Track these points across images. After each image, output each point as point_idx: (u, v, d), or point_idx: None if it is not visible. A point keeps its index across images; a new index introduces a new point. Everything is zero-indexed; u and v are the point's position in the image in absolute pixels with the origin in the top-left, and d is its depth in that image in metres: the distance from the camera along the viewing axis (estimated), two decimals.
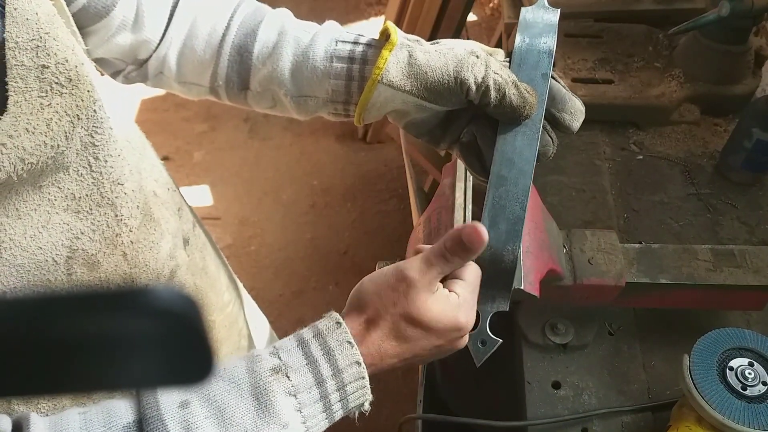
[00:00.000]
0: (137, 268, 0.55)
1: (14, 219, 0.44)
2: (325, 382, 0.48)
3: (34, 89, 0.43)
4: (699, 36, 1.09)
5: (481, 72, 0.55)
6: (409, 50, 0.57)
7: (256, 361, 0.48)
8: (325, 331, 0.50)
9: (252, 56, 0.61)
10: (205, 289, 0.69)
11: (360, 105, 0.58)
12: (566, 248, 0.77)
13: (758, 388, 0.65)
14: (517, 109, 0.55)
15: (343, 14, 2.93)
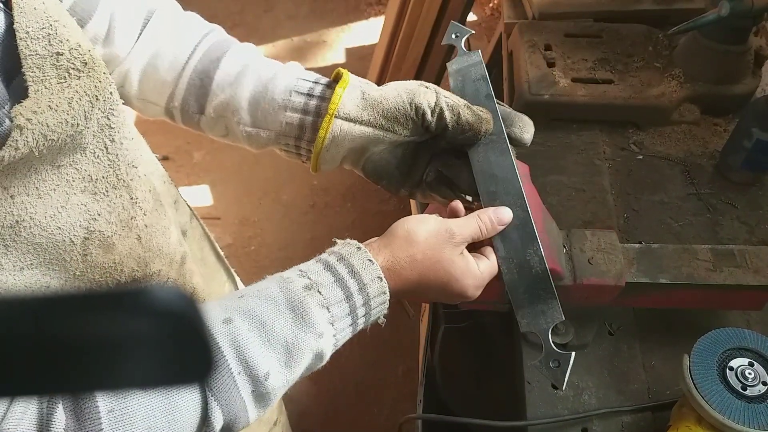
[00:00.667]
0: (151, 252, 0.55)
1: (35, 198, 0.44)
2: (353, 296, 0.53)
3: (52, 77, 0.43)
4: (699, 36, 1.09)
5: (433, 98, 0.59)
6: (361, 88, 0.61)
7: (288, 281, 0.53)
8: (347, 254, 0.55)
9: (212, 82, 0.63)
10: (207, 278, 0.70)
11: (317, 145, 0.60)
12: (566, 248, 0.77)
13: (758, 388, 0.65)
14: (474, 126, 0.59)
15: (343, 14, 2.93)
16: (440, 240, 0.56)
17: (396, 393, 1.80)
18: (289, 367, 0.50)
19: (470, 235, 0.58)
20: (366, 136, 0.60)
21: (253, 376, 0.49)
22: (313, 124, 0.61)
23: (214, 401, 0.47)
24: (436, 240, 0.56)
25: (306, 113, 0.61)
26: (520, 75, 1.10)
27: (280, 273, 0.56)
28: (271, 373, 0.49)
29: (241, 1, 2.87)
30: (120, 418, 0.44)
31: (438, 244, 0.56)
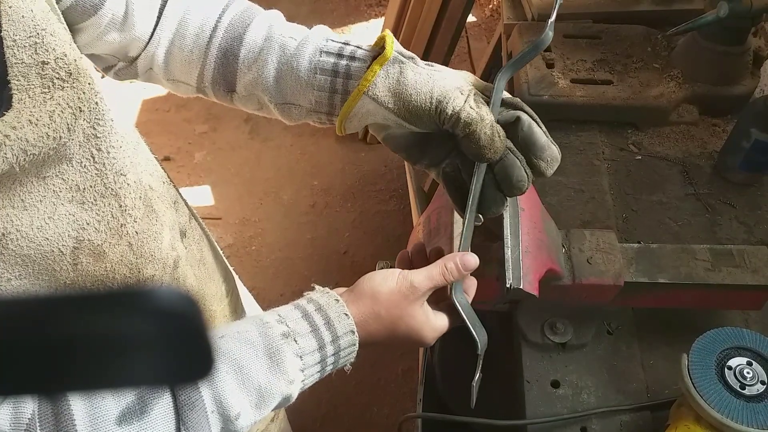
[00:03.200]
0: (143, 258, 0.55)
1: (20, 210, 0.44)
2: (325, 347, 0.56)
3: (37, 86, 0.43)
4: (697, 37, 1.09)
5: (459, 104, 0.57)
6: (401, 66, 0.59)
7: (267, 326, 0.55)
8: (325, 305, 0.57)
9: (238, 60, 0.62)
10: (204, 279, 0.70)
11: (342, 114, 0.60)
12: (565, 248, 0.78)
13: (756, 387, 0.65)
14: (481, 148, 0.57)
15: (343, 15, 2.93)
16: (402, 296, 0.58)
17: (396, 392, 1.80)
18: (259, 408, 0.53)
19: (432, 286, 0.60)
20: (387, 119, 0.60)
21: (225, 416, 0.51)
22: (343, 101, 0.60)
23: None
24: (398, 297, 0.58)
25: (334, 92, 0.60)
26: (520, 76, 1.11)
27: (260, 316, 0.57)
28: (242, 414, 0.52)
29: None
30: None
31: (400, 301, 0.58)
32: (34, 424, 0.45)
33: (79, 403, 0.47)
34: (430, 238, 0.79)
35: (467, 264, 0.60)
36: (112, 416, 0.47)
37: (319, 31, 0.63)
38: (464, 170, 0.62)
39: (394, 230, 2.20)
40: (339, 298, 0.58)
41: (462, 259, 0.60)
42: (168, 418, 0.49)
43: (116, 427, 0.47)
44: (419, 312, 0.60)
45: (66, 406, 0.46)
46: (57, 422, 0.46)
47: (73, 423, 0.46)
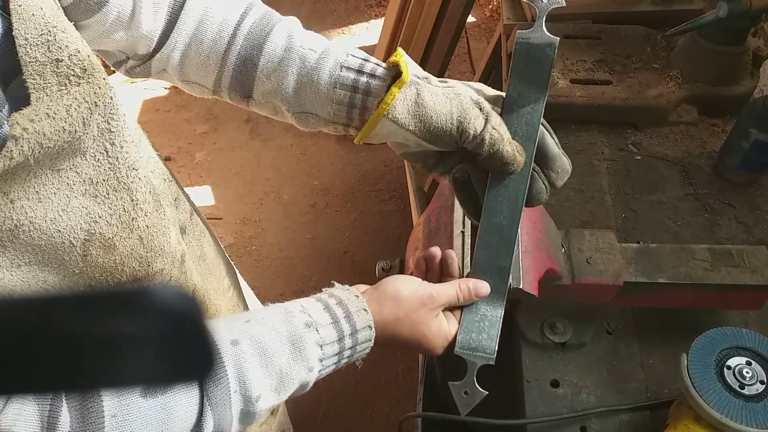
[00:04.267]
0: (152, 252, 0.56)
1: (35, 202, 0.45)
2: (344, 339, 0.58)
3: (53, 83, 0.44)
4: (697, 37, 1.09)
5: (481, 125, 0.58)
6: (417, 88, 0.59)
7: (291, 315, 0.57)
8: (346, 300, 0.60)
9: (257, 69, 0.62)
10: (205, 274, 0.71)
11: (362, 133, 0.61)
12: (564, 248, 0.78)
13: (756, 387, 0.66)
14: (506, 165, 0.60)
15: (343, 16, 2.93)
16: (420, 303, 0.62)
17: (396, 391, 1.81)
18: (278, 393, 0.55)
19: (447, 301, 0.63)
20: (407, 140, 0.61)
21: (246, 396, 0.53)
22: (360, 116, 0.61)
23: (210, 411, 0.51)
24: (418, 303, 0.62)
25: (352, 107, 0.61)
26: None
27: (284, 304, 0.59)
28: (262, 397, 0.54)
29: None
30: (121, 423, 0.47)
31: (418, 307, 0.62)
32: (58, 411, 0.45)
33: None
34: (430, 238, 0.79)
35: (479, 291, 0.64)
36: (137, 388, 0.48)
37: (338, 44, 0.64)
38: (474, 176, 0.64)
39: (394, 230, 2.20)
40: (359, 294, 0.61)
41: (475, 285, 0.64)
42: (191, 390, 0.51)
43: (141, 399, 0.48)
44: (435, 322, 0.63)
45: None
46: (84, 399, 0.47)
47: (100, 397, 0.47)
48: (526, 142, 0.60)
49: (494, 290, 0.64)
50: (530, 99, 0.60)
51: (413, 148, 0.63)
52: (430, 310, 0.62)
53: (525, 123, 0.60)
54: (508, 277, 0.64)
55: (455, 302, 0.64)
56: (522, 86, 0.60)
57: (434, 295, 0.62)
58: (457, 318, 0.65)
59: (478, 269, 0.64)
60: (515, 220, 0.62)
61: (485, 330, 0.64)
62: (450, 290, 0.63)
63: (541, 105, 0.60)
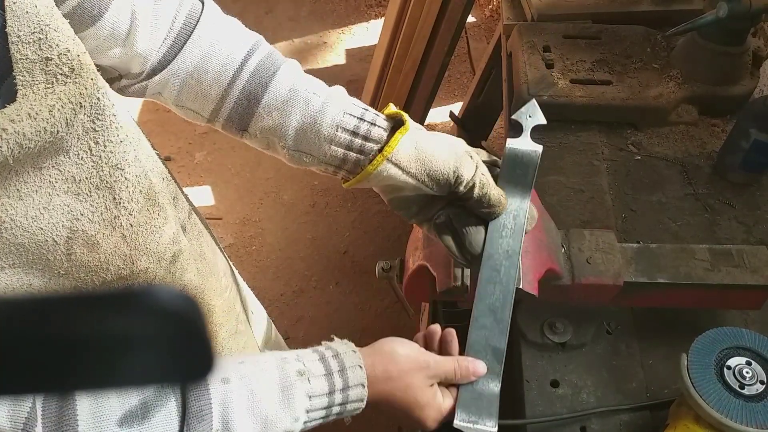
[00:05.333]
0: (137, 250, 0.55)
1: (15, 200, 0.45)
2: (335, 393, 0.57)
3: (40, 81, 0.44)
4: (697, 37, 1.09)
5: (472, 171, 0.64)
6: (417, 135, 0.64)
7: (285, 361, 0.57)
8: (342, 353, 0.59)
9: (259, 105, 0.63)
10: (204, 274, 0.70)
11: (362, 175, 0.63)
12: (564, 248, 0.78)
13: (756, 387, 0.66)
14: (492, 207, 0.66)
15: (343, 16, 2.93)
16: (416, 367, 0.61)
17: None
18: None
19: (444, 373, 0.63)
20: (406, 183, 0.64)
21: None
22: (356, 159, 0.64)
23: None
24: (413, 366, 0.61)
25: (350, 149, 0.64)
26: (519, 76, 1.11)
27: (280, 352, 0.60)
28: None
29: (242, 3, 2.88)
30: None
31: (413, 369, 0.61)
32: (34, 421, 0.45)
33: (85, 402, 0.48)
34: (429, 239, 0.79)
35: (477, 370, 0.64)
36: (115, 417, 0.48)
37: (339, 91, 0.66)
38: (455, 220, 0.67)
39: (394, 230, 2.20)
40: (356, 349, 0.60)
41: (474, 364, 0.65)
42: (170, 425, 0.50)
43: (117, 428, 0.48)
44: (429, 390, 0.62)
45: (71, 404, 0.47)
46: (60, 420, 0.46)
47: (76, 421, 0.46)
48: (514, 235, 0.67)
49: (489, 370, 0.65)
50: (516, 198, 0.68)
51: (407, 192, 0.66)
52: (425, 377, 0.62)
53: (513, 218, 0.67)
54: (502, 358, 0.65)
55: (452, 377, 0.64)
56: (509, 187, 0.68)
57: (431, 364, 0.62)
58: (452, 394, 0.65)
59: (473, 350, 0.66)
60: (507, 302, 0.66)
61: (484, 408, 0.64)
62: (448, 364, 0.64)
63: (527, 204, 0.68)
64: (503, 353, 0.65)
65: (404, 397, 0.61)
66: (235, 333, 0.77)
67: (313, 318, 2.00)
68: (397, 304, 1.89)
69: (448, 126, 2.34)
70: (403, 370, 0.61)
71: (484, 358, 0.65)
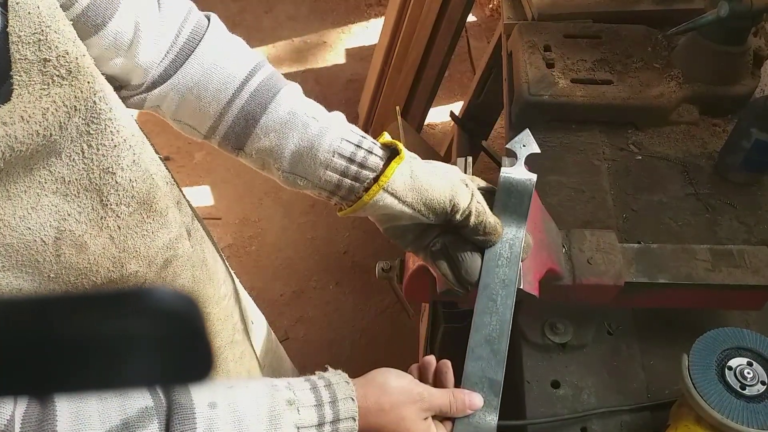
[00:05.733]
0: (126, 253, 0.55)
1: (4, 200, 0.45)
2: (324, 426, 0.56)
3: (37, 82, 0.43)
4: (698, 36, 1.09)
5: (467, 199, 0.64)
6: (412, 164, 0.64)
7: (275, 389, 0.56)
8: (335, 383, 0.58)
9: (256, 125, 0.64)
10: (204, 280, 0.70)
11: (359, 204, 0.63)
12: (565, 248, 0.78)
13: (757, 388, 0.65)
14: (488, 235, 0.65)
15: (343, 15, 2.93)
16: (409, 399, 0.60)
17: None
18: None
19: (438, 406, 0.62)
20: (403, 212, 0.64)
21: None
22: (350, 186, 0.64)
23: None
24: (406, 398, 0.60)
25: (345, 175, 0.63)
26: (520, 76, 1.11)
27: (271, 379, 0.59)
28: None
29: (241, 2, 2.87)
30: None
31: (406, 402, 0.60)
32: (13, 425, 0.45)
33: (66, 418, 0.47)
34: None
35: (474, 403, 0.63)
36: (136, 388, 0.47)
37: (338, 116, 0.66)
38: (451, 248, 0.66)
39: None
40: (349, 380, 0.59)
41: (470, 397, 0.63)
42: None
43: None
44: (423, 424, 0.61)
45: (51, 423, 0.46)
46: (40, 426, 0.46)
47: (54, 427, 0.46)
48: (510, 264, 0.66)
49: (486, 403, 0.64)
50: (512, 227, 0.67)
51: (404, 222, 0.66)
52: (419, 410, 0.60)
53: (509, 247, 0.67)
54: (500, 390, 0.64)
55: (447, 410, 0.62)
56: (504, 216, 0.68)
57: (425, 395, 0.61)
58: (447, 429, 0.63)
59: (469, 382, 0.65)
60: (504, 332, 0.65)
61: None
62: (443, 396, 0.62)
63: (522, 232, 0.67)
64: (500, 385, 0.64)
65: (397, 430, 0.59)
66: (231, 342, 0.76)
67: (313, 318, 2.00)
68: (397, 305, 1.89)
69: (448, 126, 2.34)
70: (396, 402, 0.59)
71: (480, 391, 0.64)
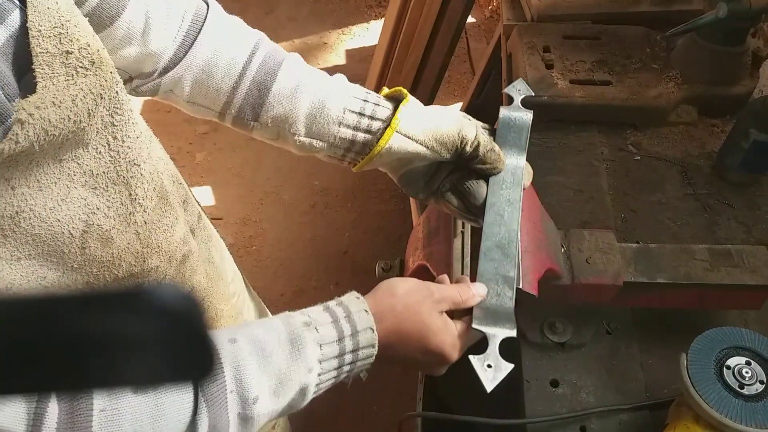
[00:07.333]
0: (149, 248, 0.56)
1: (35, 190, 0.46)
2: (344, 340, 0.57)
3: (61, 74, 0.45)
4: (696, 37, 1.09)
5: (473, 132, 0.68)
6: (418, 107, 0.67)
7: (290, 317, 0.58)
8: (346, 301, 0.60)
9: (269, 93, 0.66)
10: (213, 278, 0.71)
11: (375, 150, 0.66)
12: (564, 248, 0.78)
13: (755, 387, 0.66)
14: (495, 163, 0.69)
15: (343, 16, 2.93)
16: (420, 296, 0.61)
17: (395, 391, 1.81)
18: (277, 396, 0.54)
19: (449, 297, 0.62)
20: (417, 152, 0.67)
21: (243, 398, 0.52)
22: (364, 140, 0.67)
23: (206, 409, 0.50)
24: (416, 295, 0.61)
25: (357, 129, 0.66)
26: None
27: (286, 312, 0.60)
28: (260, 399, 0.52)
29: (242, 3, 2.88)
30: (110, 418, 0.47)
31: (417, 299, 0.61)
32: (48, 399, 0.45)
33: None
34: (430, 238, 0.80)
35: (479, 291, 0.64)
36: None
37: (341, 77, 0.69)
38: (459, 183, 0.70)
39: (394, 230, 2.20)
40: (359, 295, 0.61)
41: (475, 287, 0.65)
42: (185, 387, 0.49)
43: (133, 396, 0.48)
44: (438, 316, 0.61)
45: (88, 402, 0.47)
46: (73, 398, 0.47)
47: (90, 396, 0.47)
48: (514, 186, 0.71)
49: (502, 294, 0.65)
50: (513, 157, 0.72)
51: (417, 164, 0.69)
52: (432, 303, 0.61)
53: (511, 174, 0.71)
54: (513, 285, 0.66)
55: (458, 300, 0.63)
56: (506, 148, 0.72)
57: (433, 289, 0.62)
58: (465, 324, 0.63)
59: (483, 278, 0.66)
60: (513, 240, 0.68)
61: (500, 319, 0.63)
62: (450, 287, 0.64)
63: (523, 161, 0.72)
64: (513, 281, 0.65)
65: (415, 326, 0.60)
66: None
67: None
68: None
69: None
70: (408, 302, 0.60)
71: (495, 285, 0.65)
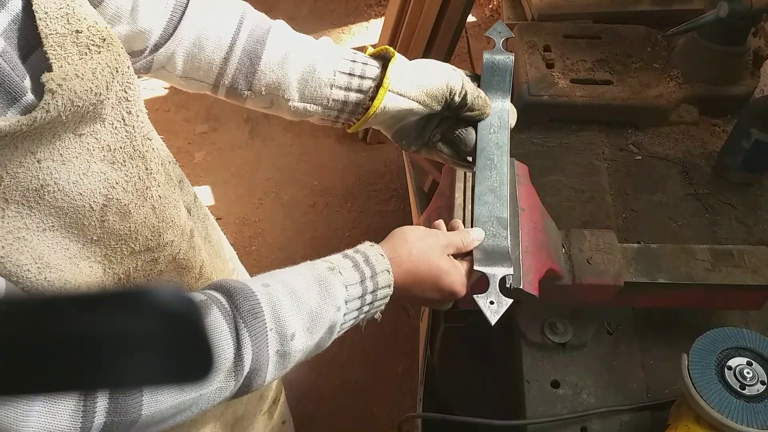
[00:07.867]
0: (164, 223, 0.58)
1: (59, 164, 0.47)
2: (366, 281, 0.61)
3: (74, 53, 0.46)
4: (697, 37, 1.09)
5: (460, 81, 0.71)
6: (404, 62, 0.69)
7: (313, 264, 0.61)
8: (363, 248, 0.64)
9: (260, 62, 0.67)
10: (212, 255, 0.73)
11: (371, 110, 0.68)
12: (565, 248, 0.78)
13: (756, 387, 0.66)
14: (483, 108, 0.73)
15: (343, 15, 2.93)
16: (431, 241, 0.66)
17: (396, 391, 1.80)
18: (310, 332, 0.57)
19: (454, 242, 0.67)
20: (410, 108, 0.69)
21: (282, 334, 0.55)
22: (356, 100, 0.69)
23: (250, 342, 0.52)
24: (428, 241, 0.66)
25: (349, 90, 0.69)
26: (520, 76, 1.11)
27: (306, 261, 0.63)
28: (296, 335, 0.56)
29: None
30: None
31: (429, 244, 0.65)
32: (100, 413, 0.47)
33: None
34: None
35: (477, 235, 0.69)
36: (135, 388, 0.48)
37: (329, 40, 0.71)
38: (448, 132, 0.74)
39: None
40: (374, 243, 0.64)
41: (473, 232, 0.69)
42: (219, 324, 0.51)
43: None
44: (447, 258, 0.66)
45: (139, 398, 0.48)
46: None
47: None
48: (501, 130, 0.74)
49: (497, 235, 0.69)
50: (498, 101, 0.75)
51: (410, 119, 0.71)
52: (441, 248, 0.65)
53: (498, 118, 0.74)
54: (507, 225, 0.70)
55: (461, 245, 0.67)
56: (491, 92, 0.75)
57: (441, 235, 0.67)
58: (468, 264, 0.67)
59: (479, 222, 0.70)
60: (504, 183, 0.72)
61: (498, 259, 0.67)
62: (454, 233, 0.68)
63: (507, 104, 0.75)
64: (507, 221, 0.70)
65: (429, 268, 0.64)
66: None
67: None
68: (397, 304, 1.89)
69: None
70: (421, 248, 0.65)
71: (491, 226, 0.69)
